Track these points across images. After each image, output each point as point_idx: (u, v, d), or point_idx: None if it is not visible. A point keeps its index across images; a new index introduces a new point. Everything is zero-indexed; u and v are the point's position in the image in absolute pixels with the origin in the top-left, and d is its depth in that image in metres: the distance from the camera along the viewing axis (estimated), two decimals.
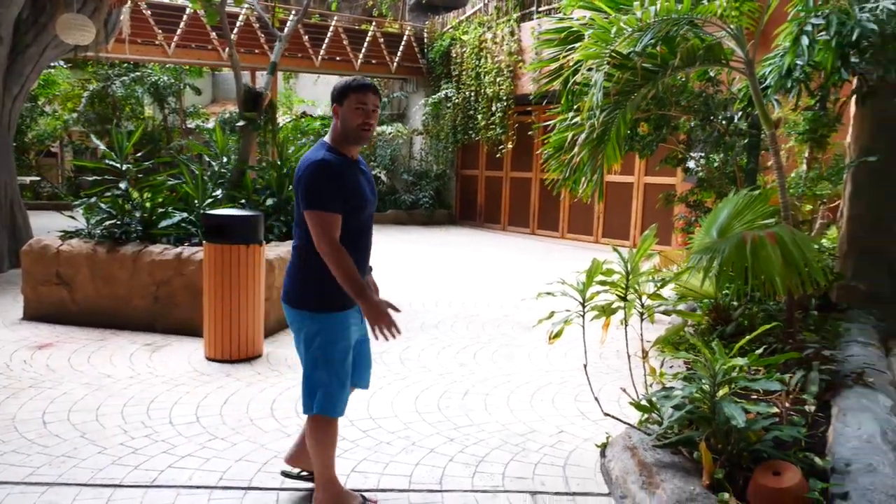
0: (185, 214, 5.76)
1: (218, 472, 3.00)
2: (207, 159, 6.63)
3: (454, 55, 15.69)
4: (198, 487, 2.86)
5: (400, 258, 10.07)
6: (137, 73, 16.25)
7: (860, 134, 5.94)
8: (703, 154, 6.77)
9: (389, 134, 15.64)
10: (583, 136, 4.04)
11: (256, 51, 14.58)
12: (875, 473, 2.61)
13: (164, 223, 5.52)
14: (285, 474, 2.91)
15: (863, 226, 5.88)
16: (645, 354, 3.38)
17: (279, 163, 6.28)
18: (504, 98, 14.21)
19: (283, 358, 4.77)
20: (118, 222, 5.60)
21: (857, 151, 5.89)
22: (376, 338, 2.58)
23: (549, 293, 3.30)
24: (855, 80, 5.27)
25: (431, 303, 6.85)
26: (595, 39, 3.89)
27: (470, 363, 4.76)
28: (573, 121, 4.26)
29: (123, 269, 5.36)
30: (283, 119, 19.08)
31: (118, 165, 5.67)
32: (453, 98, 15.47)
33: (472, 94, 15.12)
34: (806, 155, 6.60)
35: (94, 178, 5.87)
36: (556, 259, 10.40)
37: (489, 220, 15.42)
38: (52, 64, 17.02)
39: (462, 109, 15.42)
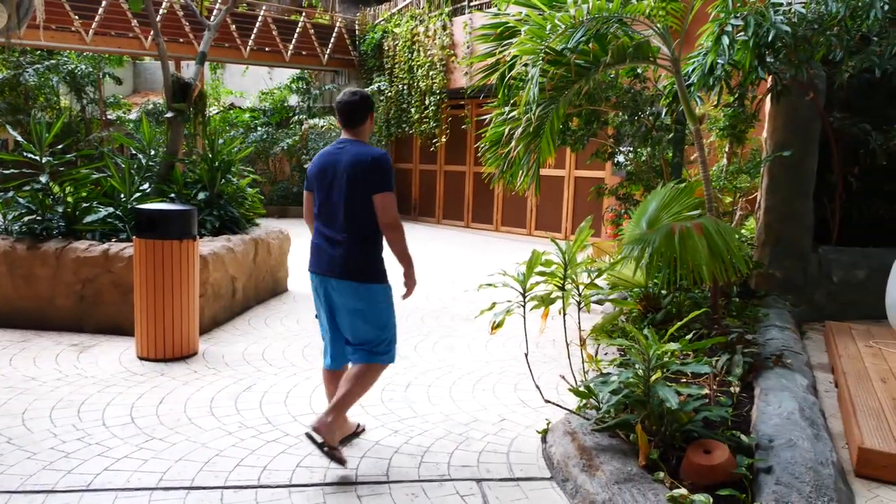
0: (111, 209, 5.53)
1: (157, 472, 2.93)
2: (133, 152, 6.37)
3: (386, 48, 15.61)
4: (137, 490, 2.78)
5: None
6: (52, 61, 15.41)
7: (775, 130, 6.30)
8: (631, 148, 7.01)
9: (322, 127, 15.43)
10: (519, 130, 4.12)
11: (181, 40, 14.10)
12: (795, 448, 2.80)
13: (88, 218, 5.28)
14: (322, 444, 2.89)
15: (778, 217, 6.24)
16: (582, 342, 3.50)
17: (210, 156, 6.11)
18: (437, 92, 14.25)
19: (220, 355, 4.66)
20: (38, 218, 5.32)
21: (772, 146, 6.24)
22: (405, 297, 3.19)
23: (490, 285, 3.36)
24: (770, 79, 5.58)
25: None
26: (530, 35, 3.97)
27: (412, 355, 4.78)
28: (510, 115, 4.35)
29: (45, 266, 5.11)
30: (210, 110, 18.52)
31: (37, 158, 5.39)
32: (386, 91, 15.40)
33: (406, 87, 15.10)
34: (726, 149, 6.93)
35: (11, 171, 5.56)
36: (492, 251, 10.54)
37: (424, 214, 15.48)
38: None
39: (395, 103, 15.38)
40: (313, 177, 3.14)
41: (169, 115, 6.20)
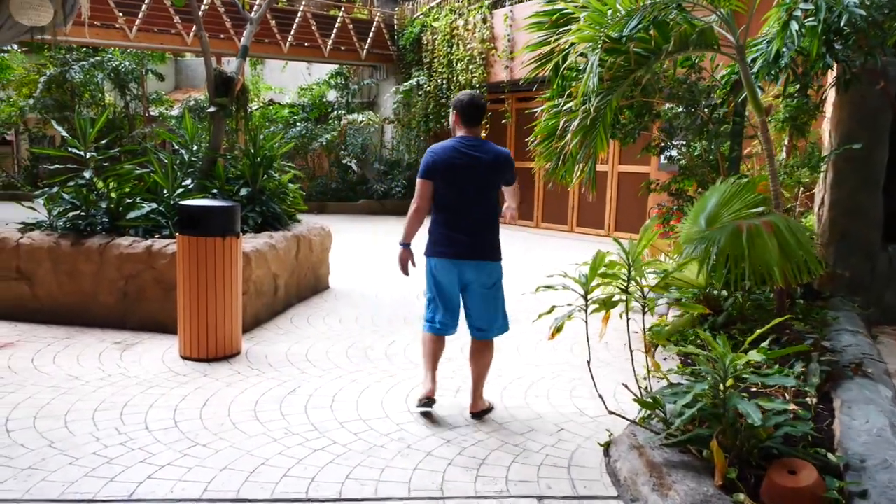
0: (154, 205, 5.47)
1: (202, 482, 2.80)
2: (176, 147, 6.31)
3: (425, 42, 15.44)
4: (181, 501, 2.66)
5: (375, 248, 9.87)
6: (97, 58, 15.62)
7: (840, 121, 5.93)
8: (684, 142, 6.70)
9: (360, 122, 15.35)
10: (576, 122, 3.90)
11: (222, 36, 14.15)
12: (892, 470, 2.53)
13: (131, 214, 5.23)
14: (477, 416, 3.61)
15: (843, 212, 5.88)
16: (648, 349, 3.27)
17: (252, 151, 6.01)
18: (477, 86, 14.04)
19: (263, 356, 4.55)
20: (83, 213, 5.29)
21: (837, 139, 5.88)
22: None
23: (549, 287, 3.16)
24: (835, 67, 5.25)
25: (412, 295, 6.67)
26: (590, 22, 3.74)
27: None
28: (565, 106, 4.12)
29: (89, 262, 5.07)
30: (251, 106, 18.60)
31: (81, 153, 5.35)
32: (425, 86, 15.24)
33: (445, 81, 14.91)
34: (785, 142, 6.58)
35: (56, 166, 5.54)
36: (533, 248, 10.29)
37: None
38: (5, 48, 16.30)
39: (434, 97, 15.21)
40: (442, 169, 3.42)
41: (211, 109, 6.12)
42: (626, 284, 3.24)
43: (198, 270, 4.31)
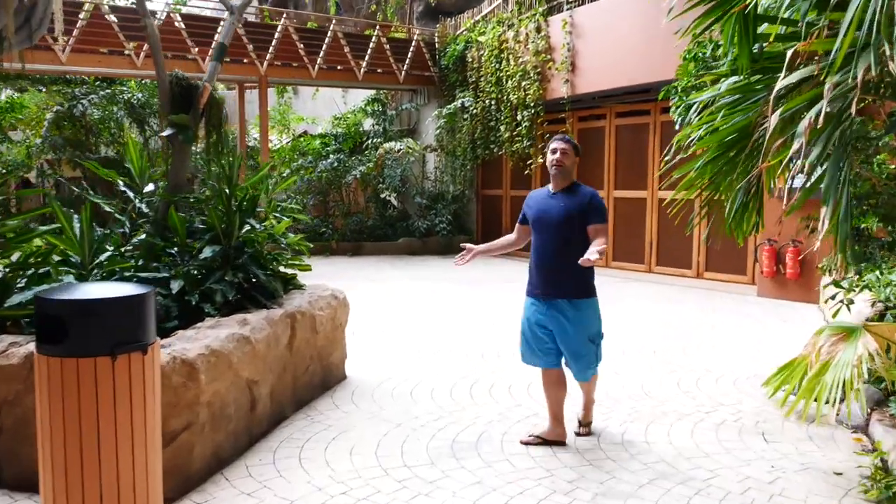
0: (70, 279, 3.56)
1: None
2: (122, 189, 4.43)
3: (470, 59, 13.60)
4: None
5: (414, 303, 7.82)
6: (108, 91, 14.21)
7: None
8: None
9: (399, 151, 13.48)
10: (819, 109, 1.79)
11: (245, 60, 12.58)
12: None
13: (14, 299, 3.31)
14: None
15: None
16: None
17: (227, 191, 4.07)
18: (531, 105, 12.09)
19: None
20: None
21: None
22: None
23: None
24: None
25: (463, 389, 4.59)
26: None
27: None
28: (782, 84, 2.01)
29: None
30: (277, 140, 17.04)
31: None
32: (471, 108, 13.35)
33: (493, 102, 13.00)
34: None
35: None
36: (614, 298, 7.88)
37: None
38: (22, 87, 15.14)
39: (481, 120, 13.30)
40: None
41: (167, 132, 4.24)
42: None
43: (65, 418, 2.31)
